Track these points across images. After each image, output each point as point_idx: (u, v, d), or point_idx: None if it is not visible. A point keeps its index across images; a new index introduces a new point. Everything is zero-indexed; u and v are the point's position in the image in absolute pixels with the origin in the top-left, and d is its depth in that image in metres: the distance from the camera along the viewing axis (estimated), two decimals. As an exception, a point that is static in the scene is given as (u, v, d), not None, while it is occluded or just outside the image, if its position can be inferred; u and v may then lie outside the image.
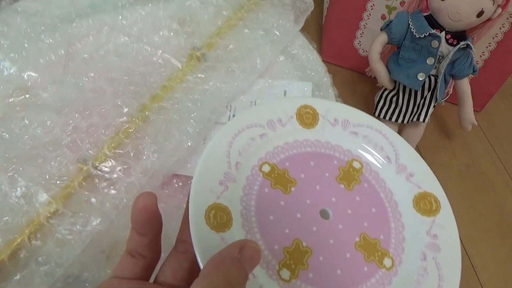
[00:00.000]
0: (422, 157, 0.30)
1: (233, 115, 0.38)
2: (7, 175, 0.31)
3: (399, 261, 0.25)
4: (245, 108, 0.39)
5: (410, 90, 0.61)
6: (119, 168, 0.33)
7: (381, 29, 0.61)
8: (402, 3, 0.68)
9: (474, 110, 0.62)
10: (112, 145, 0.33)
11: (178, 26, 0.39)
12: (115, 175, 0.32)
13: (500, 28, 0.67)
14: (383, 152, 0.30)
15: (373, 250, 0.25)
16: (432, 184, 0.29)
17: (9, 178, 0.31)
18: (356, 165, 0.29)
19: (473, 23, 0.55)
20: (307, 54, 0.45)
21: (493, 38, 0.69)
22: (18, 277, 0.29)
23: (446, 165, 0.67)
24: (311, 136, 0.30)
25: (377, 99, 0.64)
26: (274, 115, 0.30)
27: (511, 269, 0.55)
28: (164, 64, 0.37)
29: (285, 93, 0.40)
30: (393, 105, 0.63)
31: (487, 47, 0.70)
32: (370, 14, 0.72)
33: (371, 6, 0.71)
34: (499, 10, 0.54)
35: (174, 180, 0.35)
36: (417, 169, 0.29)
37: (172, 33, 0.39)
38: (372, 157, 0.30)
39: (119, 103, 0.35)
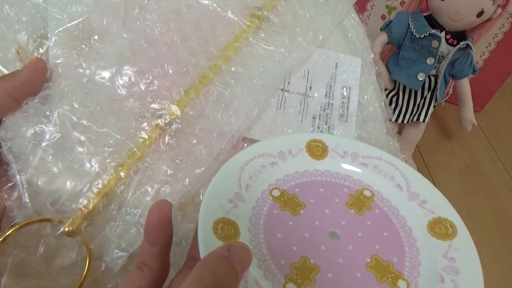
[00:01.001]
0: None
1: (288, 82, 0.38)
2: (96, 125, 0.31)
3: (414, 284, 0.25)
4: (298, 77, 0.38)
5: (410, 90, 0.61)
6: (198, 129, 0.32)
7: (381, 29, 0.61)
8: (402, 3, 0.68)
9: (474, 110, 0.63)
10: (192, 106, 0.33)
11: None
12: (195, 140, 0.32)
13: (500, 28, 0.67)
14: (393, 181, 0.30)
15: (385, 271, 0.25)
16: (447, 210, 0.28)
17: (98, 129, 0.31)
18: (367, 193, 0.30)
19: (473, 23, 0.55)
20: (357, 27, 0.42)
21: (493, 38, 0.69)
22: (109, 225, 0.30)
23: (446, 165, 0.67)
24: (321, 167, 0.31)
25: (377, 99, 0.64)
26: (285, 147, 0.31)
27: (511, 269, 0.55)
28: (230, 22, 0.36)
29: (336, 66, 0.39)
30: (393, 105, 0.63)
31: (487, 47, 0.70)
32: (370, 14, 0.72)
33: (371, 6, 0.71)
34: (499, 10, 0.54)
35: (240, 143, 0.35)
36: (430, 196, 0.29)
37: None
38: (383, 186, 0.30)
39: (193, 62, 0.34)
